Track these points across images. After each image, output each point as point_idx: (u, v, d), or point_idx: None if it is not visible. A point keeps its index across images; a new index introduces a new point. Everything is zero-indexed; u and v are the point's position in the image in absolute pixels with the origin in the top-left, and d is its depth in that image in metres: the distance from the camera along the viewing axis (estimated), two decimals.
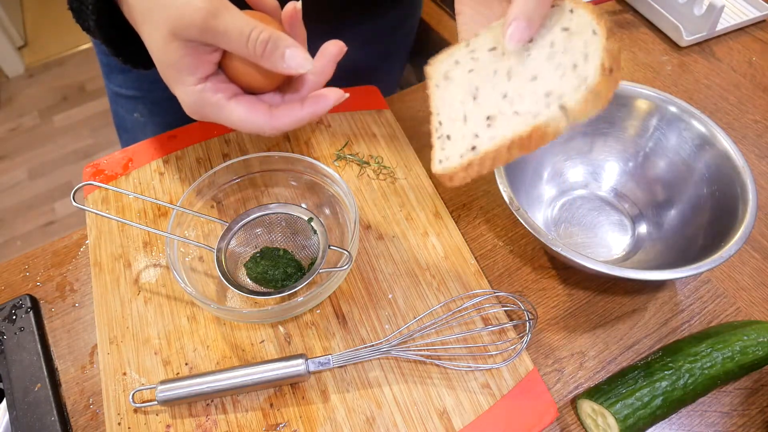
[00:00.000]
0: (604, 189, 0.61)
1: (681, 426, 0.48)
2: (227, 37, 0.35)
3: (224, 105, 0.38)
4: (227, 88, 0.39)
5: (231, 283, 0.49)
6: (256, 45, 0.35)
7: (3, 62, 2.19)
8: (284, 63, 0.36)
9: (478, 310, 0.51)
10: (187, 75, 0.37)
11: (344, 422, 0.46)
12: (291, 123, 0.39)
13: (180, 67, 0.36)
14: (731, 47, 0.79)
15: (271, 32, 0.35)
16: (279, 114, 0.38)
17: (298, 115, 0.39)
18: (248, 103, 0.38)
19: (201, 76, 0.37)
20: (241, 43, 0.35)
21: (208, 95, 0.38)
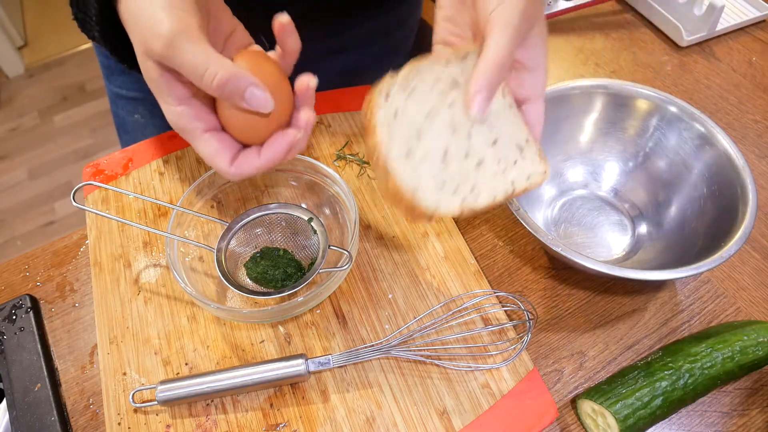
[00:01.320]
0: (604, 189, 0.61)
1: (681, 426, 0.48)
2: (183, 69, 0.34)
3: (197, 136, 0.38)
4: (207, 119, 0.38)
5: (231, 283, 0.49)
6: (212, 86, 0.34)
7: (3, 62, 2.19)
8: (245, 103, 0.35)
9: (478, 310, 0.51)
10: (166, 95, 0.36)
11: (344, 422, 0.46)
12: (251, 172, 0.38)
13: (158, 86, 0.36)
14: (731, 47, 0.79)
15: (229, 75, 0.34)
16: (239, 163, 0.38)
17: (255, 164, 0.38)
18: (217, 144, 0.38)
19: (179, 97, 0.37)
20: (196, 79, 0.34)
21: (186, 120, 0.37)
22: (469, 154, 0.41)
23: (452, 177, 0.40)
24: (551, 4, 0.81)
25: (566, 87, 0.58)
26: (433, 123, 0.40)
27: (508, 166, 0.42)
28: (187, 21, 0.34)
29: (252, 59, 0.39)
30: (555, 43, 0.81)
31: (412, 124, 0.40)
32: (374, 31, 0.76)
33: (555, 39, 0.81)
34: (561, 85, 0.58)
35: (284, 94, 0.39)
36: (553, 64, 0.78)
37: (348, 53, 0.76)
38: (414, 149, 0.39)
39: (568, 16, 0.84)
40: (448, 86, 0.41)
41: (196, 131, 0.37)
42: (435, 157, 0.40)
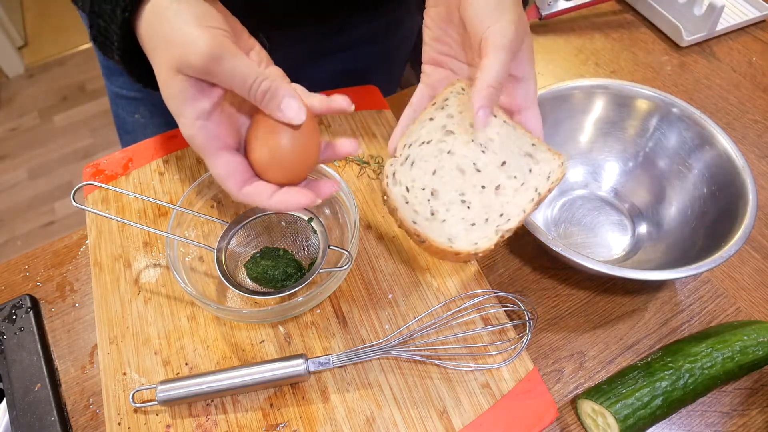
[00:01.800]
0: (604, 189, 0.61)
1: (681, 426, 0.48)
2: (229, 81, 0.36)
3: (210, 153, 0.38)
4: (224, 136, 0.39)
5: (231, 283, 0.49)
6: (258, 93, 0.36)
7: (3, 62, 2.19)
8: (280, 112, 0.37)
9: (478, 310, 0.51)
10: (186, 108, 0.37)
11: (344, 422, 0.46)
12: (256, 204, 0.40)
13: (181, 100, 0.37)
14: (731, 47, 0.79)
15: (271, 82, 0.36)
16: (249, 191, 0.39)
17: (263, 200, 0.39)
18: (230, 166, 0.39)
19: (202, 111, 0.37)
20: (243, 88, 0.36)
21: (202, 136, 0.38)
22: (484, 185, 0.44)
23: (478, 213, 0.44)
24: (551, 4, 0.81)
25: (566, 87, 0.58)
26: (441, 177, 0.45)
27: (526, 177, 0.44)
28: (224, 37, 0.36)
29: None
30: (555, 43, 0.81)
31: (424, 189, 0.44)
32: (374, 30, 0.76)
33: (555, 39, 0.81)
34: (561, 85, 0.58)
35: (310, 143, 0.40)
36: (553, 64, 0.78)
37: (348, 53, 0.76)
38: (435, 208, 0.44)
39: (568, 16, 0.84)
40: (441, 136, 0.46)
41: (212, 148, 0.38)
42: (456, 204, 0.44)
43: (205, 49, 0.35)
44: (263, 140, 0.39)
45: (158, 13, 0.37)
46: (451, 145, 0.45)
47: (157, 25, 0.37)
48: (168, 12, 0.36)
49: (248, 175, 0.40)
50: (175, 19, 0.36)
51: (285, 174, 0.40)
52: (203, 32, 0.35)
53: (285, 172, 0.40)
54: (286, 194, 0.39)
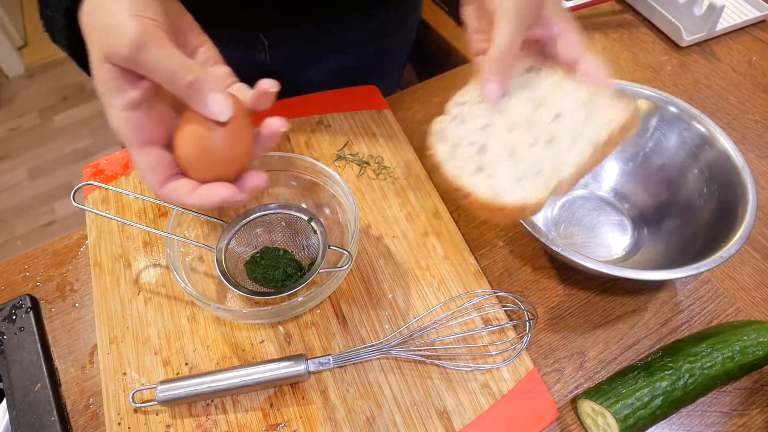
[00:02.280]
0: (604, 189, 0.61)
1: (681, 426, 0.48)
2: (154, 72, 0.35)
3: (133, 146, 0.37)
4: (150, 130, 0.38)
5: (231, 283, 0.49)
6: (181, 85, 0.35)
7: (3, 62, 2.19)
8: (206, 107, 0.35)
9: (478, 310, 0.51)
10: (114, 98, 0.36)
11: (344, 422, 0.46)
12: (178, 202, 0.38)
13: (108, 89, 0.36)
14: (731, 47, 0.79)
15: (197, 75, 0.35)
16: (170, 188, 0.38)
17: (182, 199, 0.38)
18: (154, 159, 0.37)
19: (126, 102, 0.37)
20: (167, 80, 0.35)
21: (126, 128, 0.37)
22: (536, 140, 0.42)
23: (529, 168, 0.41)
24: None
25: None
26: (491, 133, 0.43)
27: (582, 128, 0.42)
28: (154, 28, 0.35)
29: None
30: None
31: (472, 144, 0.43)
32: (374, 30, 0.76)
33: None
34: None
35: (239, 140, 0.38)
36: None
37: (348, 52, 0.76)
38: (482, 163, 0.42)
39: None
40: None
41: (135, 142, 0.37)
42: (504, 159, 0.42)
43: (132, 37, 0.34)
44: (189, 136, 0.37)
45: (99, 3, 0.36)
46: (504, 105, 0.44)
47: (94, 13, 0.36)
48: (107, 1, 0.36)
49: (171, 171, 0.38)
50: (111, 7, 0.35)
51: (212, 172, 0.38)
52: (132, 20, 0.34)
53: (212, 170, 0.38)
54: (206, 189, 0.37)
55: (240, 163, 0.38)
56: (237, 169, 0.39)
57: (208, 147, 0.37)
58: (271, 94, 0.38)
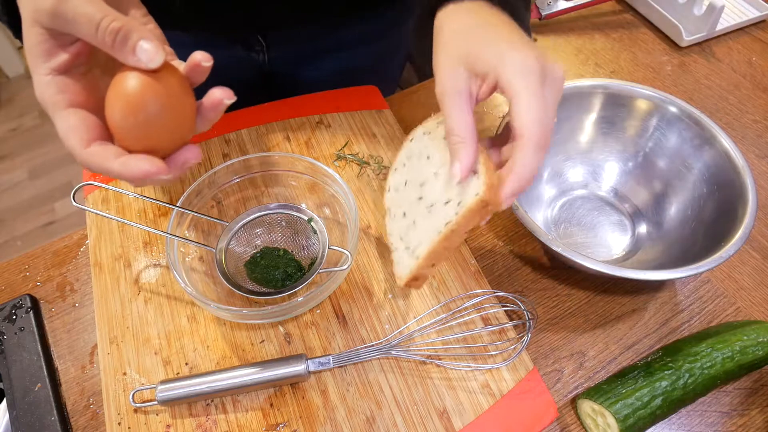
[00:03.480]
0: (604, 189, 0.61)
1: (681, 426, 0.48)
2: (77, 23, 0.33)
3: (57, 110, 0.35)
4: (76, 94, 0.35)
5: (231, 283, 0.49)
6: (106, 34, 0.32)
7: (3, 62, 2.19)
8: (135, 56, 0.32)
9: (478, 310, 0.51)
10: (41, 62, 0.35)
11: (344, 422, 0.46)
12: (98, 168, 0.34)
13: (36, 53, 0.35)
14: (731, 47, 0.79)
15: (123, 22, 0.32)
16: (91, 151, 0.34)
17: (105, 164, 0.34)
18: (74, 122, 0.34)
19: (53, 66, 0.35)
20: (90, 30, 0.32)
21: (50, 92, 0.35)
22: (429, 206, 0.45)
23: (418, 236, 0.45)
24: (551, 4, 0.81)
25: (566, 87, 0.58)
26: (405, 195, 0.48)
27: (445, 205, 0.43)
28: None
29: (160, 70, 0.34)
30: (555, 43, 0.81)
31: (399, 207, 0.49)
32: (374, 30, 0.76)
33: (555, 39, 0.81)
34: None
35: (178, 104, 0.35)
36: None
37: (348, 52, 0.76)
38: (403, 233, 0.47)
39: (568, 16, 0.84)
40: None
41: (59, 104, 0.35)
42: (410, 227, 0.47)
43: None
44: (121, 99, 0.33)
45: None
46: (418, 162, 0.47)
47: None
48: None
49: (96, 134, 0.35)
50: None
51: (145, 141, 0.34)
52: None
53: (145, 139, 0.34)
54: (132, 159, 0.34)
55: (178, 135, 0.35)
56: (174, 141, 0.35)
57: (142, 112, 0.33)
58: (205, 68, 0.35)
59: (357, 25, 0.73)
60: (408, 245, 0.46)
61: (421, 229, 0.44)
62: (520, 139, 0.37)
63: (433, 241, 0.42)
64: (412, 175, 0.48)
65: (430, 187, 0.45)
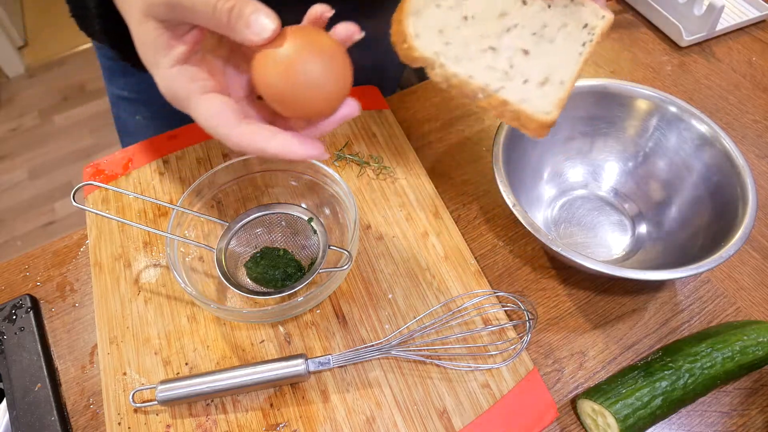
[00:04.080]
0: (604, 189, 0.61)
1: (681, 426, 0.48)
2: (195, 10, 0.32)
3: (194, 98, 0.34)
4: (204, 78, 0.35)
5: (231, 283, 0.49)
6: (222, 13, 0.32)
7: (3, 62, 2.19)
8: (248, 30, 0.32)
9: (478, 310, 0.51)
10: (162, 56, 0.34)
11: (344, 422, 0.46)
12: (252, 149, 0.34)
13: (155, 48, 0.34)
14: (731, 47, 0.79)
15: (236, 0, 0.32)
16: (243, 131, 0.33)
17: (261, 145, 0.34)
18: (218, 105, 0.34)
19: (176, 58, 0.34)
20: (207, 14, 0.32)
21: (182, 82, 0.34)
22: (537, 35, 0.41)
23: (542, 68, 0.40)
24: None
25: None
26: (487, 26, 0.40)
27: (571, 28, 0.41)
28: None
29: (301, 31, 0.34)
30: None
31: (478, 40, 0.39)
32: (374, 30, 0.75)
33: None
34: None
35: (339, 68, 0.34)
36: None
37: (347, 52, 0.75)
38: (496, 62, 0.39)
39: None
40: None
41: (194, 92, 0.34)
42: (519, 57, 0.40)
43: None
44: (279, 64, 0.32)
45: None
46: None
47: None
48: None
49: (242, 113, 0.35)
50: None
51: (309, 103, 0.33)
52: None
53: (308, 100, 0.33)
54: (292, 139, 0.33)
55: (337, 95, 0.34)
56: (334, 101, 0.34)
57: (301, 74, 0.32)
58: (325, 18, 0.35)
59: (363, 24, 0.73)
60: (529, 77, 0.39)
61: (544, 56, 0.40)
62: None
63: (578, 63, 0.40)
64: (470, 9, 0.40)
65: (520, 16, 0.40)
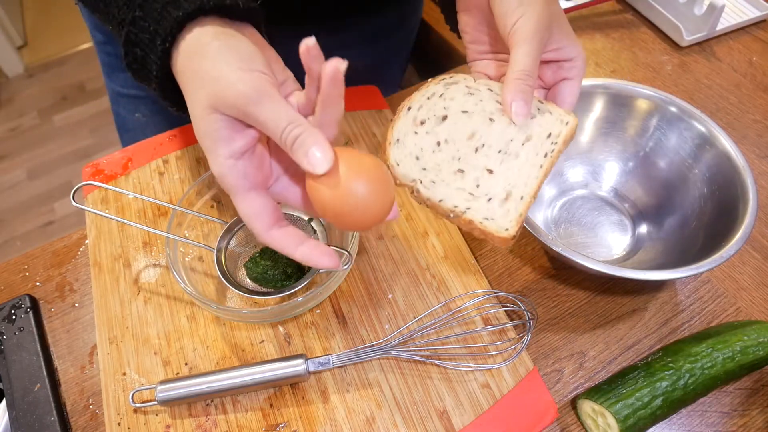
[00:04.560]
0: (604, 189, 0.61)
1: (681, 426, 0.48)
2: (264, 125, 0.35)
3: (240, 193, 0.38)
4: (253, 176, 0.38)
5: (231, 283, 0.49)
6: (287, 139, 0.35)
7: (3, 62, 2.19)
8: (306, 160, 0.35)
9: (478, 310, 0.51)
10: (222, 147, 0.37)
11: (344, 422, 0.46)
12: (281, 250, 0.39)
13: (215, 138, 0.37)
14: (731, 47, 0.79)
15: (302, 130, 0.35)
16: (274, 236, 0.38)
17: (289, 251, 0.39)
18: (259, 207, 0.38)
19: (235, 150, 0.37)
20: (275, 134, 0.35)
21: (233, 176, 0.37)
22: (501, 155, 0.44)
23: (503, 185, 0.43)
24: None
25: None
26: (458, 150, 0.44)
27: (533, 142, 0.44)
28: (268, 81, 0.36)
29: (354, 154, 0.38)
30: None
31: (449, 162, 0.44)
32: (375, 30, 0.76)
33: None
34: None
35: (383, 187, 0.37)
36: None
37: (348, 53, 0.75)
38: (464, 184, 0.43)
39: (568, 16, 0.84)
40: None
41: (240, 188, 0.38)
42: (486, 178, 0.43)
43: (245, 91, 0.34)
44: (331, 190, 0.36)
45: (198, 49, 0.36)
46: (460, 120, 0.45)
47: (196, 59, 0.36)
48: (209, 48, 0.36)
49: (276, 217, 0.39)
50: (217, 56, 0.36)
51: (357, 220, 0.37)
52: (244, 74, 0.35)
53: (356, 219, 0.37)
54: (315, 250, 0.39)
55: (381, 214, 0.38)
56: (378, 218, 0.38)
57: (355, 200, 0.36)
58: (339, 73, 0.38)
59: (360, 24, 0.73)
60: (492, 195, 0.42)
61: (507, 173, 0.43)
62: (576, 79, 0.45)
63: (538, 177, 0.42)
64: (444, 134, 0.44)
65: (488, 135, 0.44)
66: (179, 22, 0.37)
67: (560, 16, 0.44)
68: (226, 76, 0.35)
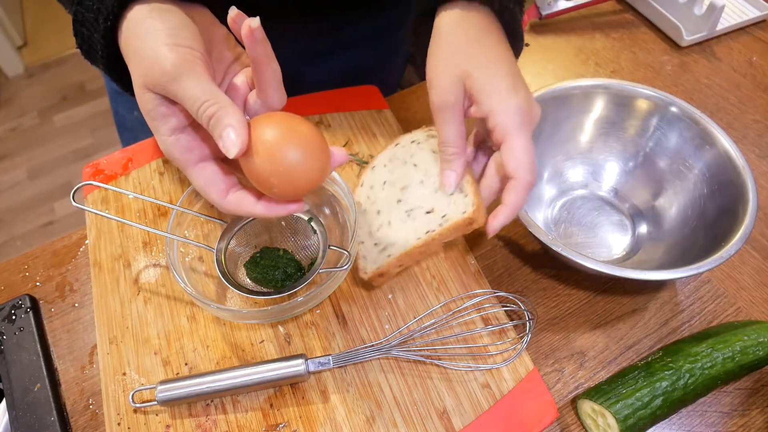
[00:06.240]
0: (604, 189, 0.61)
1: (681, 426, 0.48)
2: (183, 102, 0.35)
3: (189, 166, 0.38)
4: (199, 148, 0.38)
5: (231, 283, 0.48)
6: (203, 117, 0.35)
7: (3, 62, 2.19)
8: (221, 141, 0.35)
9: (478, 310, 0.51)
10: (161, 124, 0.37)
11: (344, 422, 0.46)
12: (242, 212, 0.39)
13: (154, 116, 0.37)
14: (731, 47, 0.79)
15: (218, 108, 0.35)
16: (231, 200, 0.39)
17: (249, 209, 0.39)
18: (209, 176, 0.38)
19: (173, 127, 0.37)
20: (192, 111, 0.35)
21: (177, 152, 0.38)
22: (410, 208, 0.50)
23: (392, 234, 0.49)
24: (551, 4, 0.81)
25: (566, 87, 0.58)
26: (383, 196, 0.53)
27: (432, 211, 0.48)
28: (191, 57, 0.35)
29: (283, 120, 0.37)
30: (555, 43, 0.81)
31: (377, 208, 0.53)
32: (374, 30, 0.75)
33: (555, 39, 0.81)
34: (561, 85, 0.58)
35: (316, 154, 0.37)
36: (553, 63, 0.78)
37: (348, 52, 0.76)
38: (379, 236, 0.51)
39: (568, 16, 0.84)
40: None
41: (189, 162, 0.38)
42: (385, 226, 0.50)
43: (166, 68, 0.34)
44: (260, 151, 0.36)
45: (134, 27, 0.37)
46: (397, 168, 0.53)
47: (131, 38, 0.37)
48: (141, 27, 0.36)
49: (231, 183, 0.39)
50: (146, 35, 0.36)
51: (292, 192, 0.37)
52: (169, 51, 0.35)
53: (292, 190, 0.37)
54: (274, 202, 0.39)
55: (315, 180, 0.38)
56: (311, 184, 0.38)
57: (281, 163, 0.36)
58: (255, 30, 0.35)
59: (360, 24, 0.73)
60: (378, 242, 0.49)
61: (397, 230, 0.48)
62: (513, 181, 0.42)
63: (410, 244, 0.46)
64: (393, 177, 0.51)
65: (413, 193, 0.49)
66: (120, 0, 0.37)
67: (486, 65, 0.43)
68: (151, 54, 0.35)
